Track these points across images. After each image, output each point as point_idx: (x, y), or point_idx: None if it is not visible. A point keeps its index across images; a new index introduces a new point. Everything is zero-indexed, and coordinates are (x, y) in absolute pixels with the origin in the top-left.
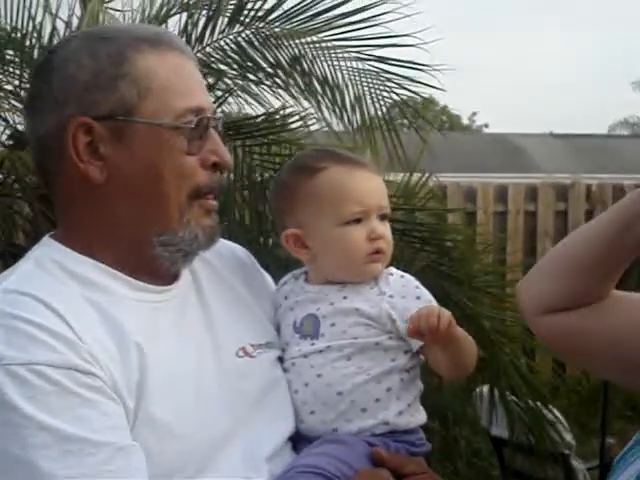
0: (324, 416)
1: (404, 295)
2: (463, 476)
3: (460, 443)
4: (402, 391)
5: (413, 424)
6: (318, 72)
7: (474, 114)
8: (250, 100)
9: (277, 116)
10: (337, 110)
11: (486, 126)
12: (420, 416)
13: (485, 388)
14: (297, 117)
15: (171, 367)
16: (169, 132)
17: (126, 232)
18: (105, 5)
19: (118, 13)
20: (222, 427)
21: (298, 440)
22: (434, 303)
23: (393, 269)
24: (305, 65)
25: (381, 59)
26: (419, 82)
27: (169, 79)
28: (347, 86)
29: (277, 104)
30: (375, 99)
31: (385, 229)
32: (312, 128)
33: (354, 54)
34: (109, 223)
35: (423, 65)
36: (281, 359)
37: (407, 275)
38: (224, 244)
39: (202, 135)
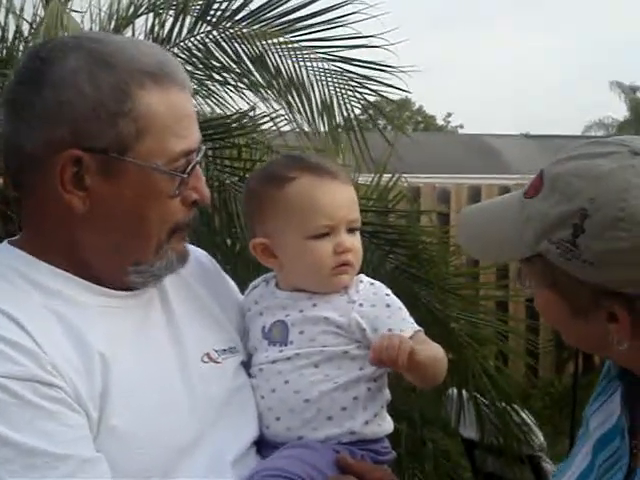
0: (290, 423)
1: (374, 303)
2: (432, 478)
3: (428, 445)
4: (368, 400)
5: (380, 433)
6: (285, 73)
7: (449, 115)
8: (218, 102)
9: (246, 119)
10: (306, 111)
11: (461, 127)
12: (386, 425)
13: (456, 390)
14: (267, 118)
15: (135, 375)
16: (160, 176)
17: (101, 259)
18: (68, 7)
19: (81, 13)
20: (187, 433)
21: (263, 446)
22: (404, 311)
23: (363, 276)
24: (271, 66)
25: (348, 60)
26: (385, 84)
27: (168, 120)
28: (314, 87)
29: (246, 107)
30: (344, 101)
31: (353, 241)
32: (282, 130)
33: (321, 55)
34: (83, 248)
35: (389, 66)
36: (245, 364)
37: (377, 282)
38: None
39: (189, 174)
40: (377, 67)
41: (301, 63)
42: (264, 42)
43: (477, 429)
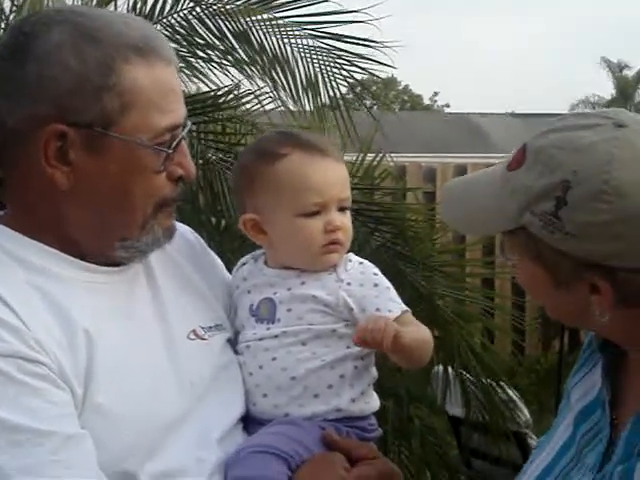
0: (277, 400)
1: (362, 283)
2: (418, 454)
3: (414, 422)
4: (355, 379)
5: (366, 411)
6: (269, 50)
7: (435, 94)
8: (203, 79)
9: (231, 95)
10: (291, 89)
11: (447, 106)
12: (373, 403)
13: (442, 367)
14: (252, 96)
15: (120, 352)
16: (145, 151)
17: (86, 234)
18: None
19: None
20: (173, 410)
21: (249, 423)
22: (391, 290)
23: (352, 255)
24: (255, 42)
25: (333, 36)
26: (371, 59)
27: (153, 95)
28: (298, 64)
29: (230, 84)
30: (329, 79)
31: (344, 220)
32: (267, 107)
33: (305, 31)
34: (68, 224)
35: (375, 42)
36: (231, 341)
37: (366, 262)
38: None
39: (174, 150)
40: (363, 43)
41: (285, 40)
42: (248, 19)
43: (463, 406)
